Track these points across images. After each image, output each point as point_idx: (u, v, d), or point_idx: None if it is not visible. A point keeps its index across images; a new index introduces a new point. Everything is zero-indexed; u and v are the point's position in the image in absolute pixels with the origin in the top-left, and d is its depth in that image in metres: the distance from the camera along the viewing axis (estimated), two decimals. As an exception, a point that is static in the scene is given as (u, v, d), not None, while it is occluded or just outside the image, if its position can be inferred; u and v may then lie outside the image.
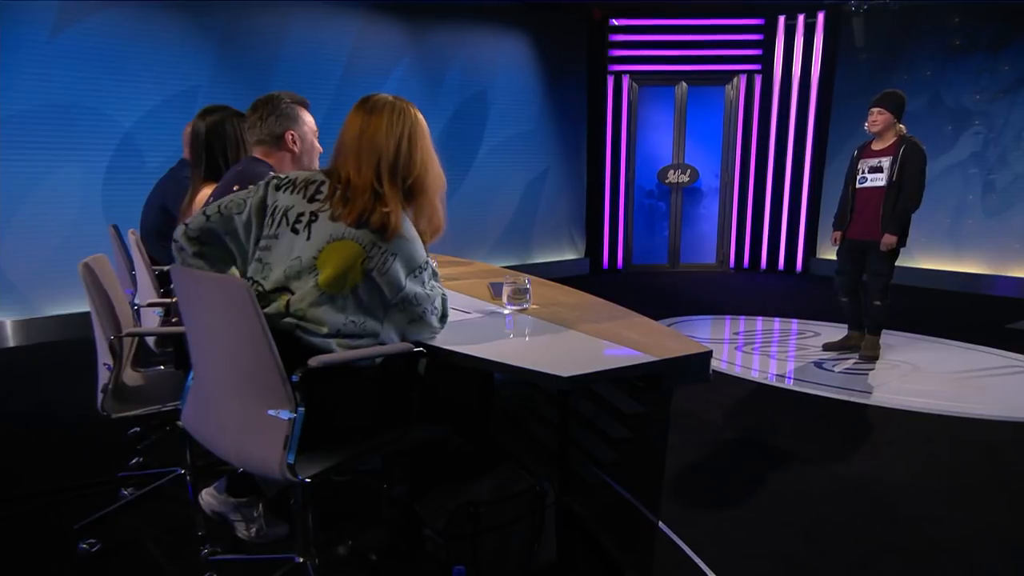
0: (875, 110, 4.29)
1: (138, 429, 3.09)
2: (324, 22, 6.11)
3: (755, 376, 4.28)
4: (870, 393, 3.91)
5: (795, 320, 5.77)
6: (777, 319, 5.83)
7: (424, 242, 1.76)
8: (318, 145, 2.41)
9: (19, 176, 4.85)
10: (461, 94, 7.07)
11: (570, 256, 8.22)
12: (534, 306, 2.22)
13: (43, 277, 4.98)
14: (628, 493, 2.28)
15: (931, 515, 2.54)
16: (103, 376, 2.05)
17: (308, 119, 2.36)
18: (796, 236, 8.07)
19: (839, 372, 4.31)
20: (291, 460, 1.56)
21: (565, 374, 1.54)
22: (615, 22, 7.92)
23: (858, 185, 4.40)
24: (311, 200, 1.69)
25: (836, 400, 3.81)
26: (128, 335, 2.05)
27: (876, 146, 4.34)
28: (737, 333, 5.39)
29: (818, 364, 4.48)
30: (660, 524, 2.39)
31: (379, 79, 6.46)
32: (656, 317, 5.65)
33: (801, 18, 7.71)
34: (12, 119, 4.77)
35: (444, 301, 1.84)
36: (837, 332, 5.03)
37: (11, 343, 4.97)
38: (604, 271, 8.32)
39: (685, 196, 8.24)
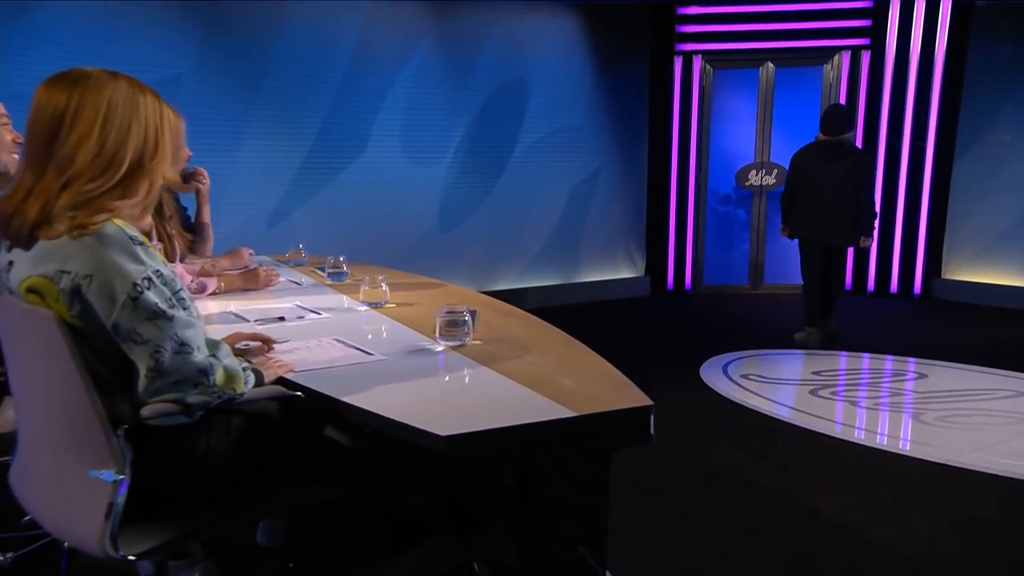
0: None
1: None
2: (330, -1, 6.17)
3: (832, 430, 3.98)
4: (976, 454, 3.57)
5: (909, 358, 5.35)
6: (889, 358, 5.42)
7: None
8: (7, 134, 2.22)
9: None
10: (494, 82, 7.01)
11: (626, 274, 8.01)
12: (476, 341, 2.09)
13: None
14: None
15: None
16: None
17: None
18: (914, 251, 7.62)
19: (938, 426, 3.98)
20: (112, 532, 1.48)
21: (444, 432, 1.41)
22: (687, -8, 7.74)
23: None
24: None
25: (926, 462, 3.49)
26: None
27: None
28: (818, 372, 5.08)
29: (916, 416, 4.15)
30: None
31: (394, 65, 6.47)
32: (725, 350, 5.61)
33: (921, -20, 7.33)
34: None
35: None
36: (951, 373, 4.78)
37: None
38: (668, 292, 8.04)
39: (770, 202, 7.91)
